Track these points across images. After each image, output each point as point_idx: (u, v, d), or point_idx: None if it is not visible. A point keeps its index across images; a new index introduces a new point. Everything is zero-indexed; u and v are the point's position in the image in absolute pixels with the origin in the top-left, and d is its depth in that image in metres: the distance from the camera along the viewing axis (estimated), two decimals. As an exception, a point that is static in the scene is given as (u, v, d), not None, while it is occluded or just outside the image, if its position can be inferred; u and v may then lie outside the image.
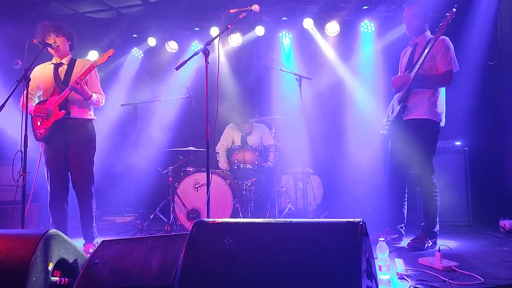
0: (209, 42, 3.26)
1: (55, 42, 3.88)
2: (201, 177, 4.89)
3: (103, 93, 4.06)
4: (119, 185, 5.99)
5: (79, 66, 3.94)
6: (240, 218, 4.74)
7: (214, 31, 6.11)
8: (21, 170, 3.37)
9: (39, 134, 3.85)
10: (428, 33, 3.87)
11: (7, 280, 2.16)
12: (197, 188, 4.89)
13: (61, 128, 3.82)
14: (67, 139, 3.86)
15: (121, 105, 5.66)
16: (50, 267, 2.31)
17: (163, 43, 6.52)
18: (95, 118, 4.06)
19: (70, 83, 3.77)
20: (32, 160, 3.59)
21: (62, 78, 3.89)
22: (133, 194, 6.00)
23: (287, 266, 1.89)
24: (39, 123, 3.86)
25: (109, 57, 3.80)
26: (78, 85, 3.71)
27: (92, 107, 4.04)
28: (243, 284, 1.93)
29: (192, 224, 2.21)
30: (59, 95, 3.80)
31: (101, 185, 5.29)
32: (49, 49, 3.89)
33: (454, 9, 3.44)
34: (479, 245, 3.81)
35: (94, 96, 3.88)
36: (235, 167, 5.18)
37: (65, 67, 3.96)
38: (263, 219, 2.18)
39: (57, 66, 3.96)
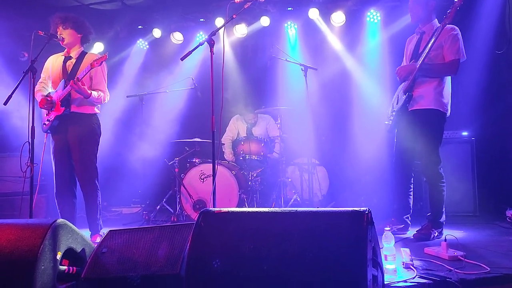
0: (214, 33, 3.24)
1: (60, 34, 3.86)
2: (207, 168, 4.91)
3: (107, 90, 4.01)
4: (126, 176, 6.02)
5: (88, 61, 3.86)
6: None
7: (219, 21, 6.09)
8: (29, 161, 3.40)
9: (44, 126, 3.89)
10: (435, 22, 3.83)
11: (16, 269, 2.19)
12: (203, 179, 4.91)
13: (64, 121, 3.83)
14: (69, 133, 3.86)
15: (127, 96, 5.68)
16: (59, 256, 2.33)
17: (168, 34, 6.52)
18: (98, 112, 4.02)
19: (70, 81, 3.73)
20: (39, 151, 3.62)
21: (69, 73, 3.87)
22: (139, 185, 6.03)
23: (292, 254, 1.90)
24: (45, 115, 3.89)
25: (102, 61, 3.70)
26: (75, 85, 3.65)
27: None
28: (249, 273, 1.94)
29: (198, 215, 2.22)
30: (63, 90, 3.80)
31: (108, 176, 5.33)
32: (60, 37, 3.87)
33: None
34: (486, 235, 3.81)
35: (95, 94, 3.82)
36: (241, 158, 5.19)
37: (73, 60, 3.93)
38: (268, 208, 2.18)
39: (66, 59, 3.95)
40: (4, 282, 2.18)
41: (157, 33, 6.45)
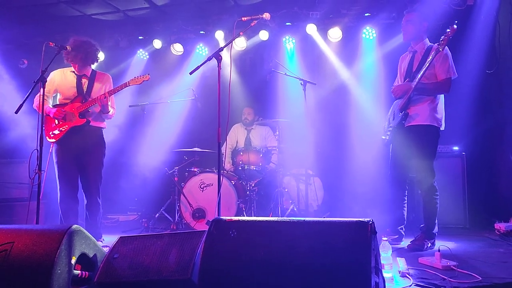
0: (222, 48, 3.43)
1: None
2: (207, 177, 5.01)
3: (115, 108, 4.30)
4: (123, 184, 6.09)
5: (100, 79, 4.18)
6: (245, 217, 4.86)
7: (219, 34, 6.22)
8: (37, 168, 3.48)
9: (53, 136, 3.97)
10: (426, 41, 4.01)
11: (34, 272, 2.28)
12: (203, 188, 5.01)
13: (77, 132, 3.99)
14: (81, 144, 4.03)
15: (129, 106, 5.77)
16: (73, 260, 2.43)
17: (168, 46, 6.62)
18: (105, 127, 4.29)
19: (98, 96, 3.97)
20: (45, 159, 3.71)
21: (85, 90, 4.09)
22: (136, 194, 6.11)
23: (300, 261, 2.03)
24: (54, 125, 3.98)
25: (143, 81, 4.12)
26: (106, 99, 3.95)
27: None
28: (259, 279, 2.06)
29: (197, 223, 2.34)
30: (82, 104, 3.99)
31: (105, 184, 5.41)
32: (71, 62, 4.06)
33: (455, 26, 3.55)
34: (476, 247, 3.96)
35: (111, 110, 4.13)
36: (240, 168, 5.31)
37: (87, 79, 4.15)
38: (278, 217, 2.31)
39: (79, 77, 4.13)
40: (22, 285, 2.27)
41: (157, 44, 6.56)
